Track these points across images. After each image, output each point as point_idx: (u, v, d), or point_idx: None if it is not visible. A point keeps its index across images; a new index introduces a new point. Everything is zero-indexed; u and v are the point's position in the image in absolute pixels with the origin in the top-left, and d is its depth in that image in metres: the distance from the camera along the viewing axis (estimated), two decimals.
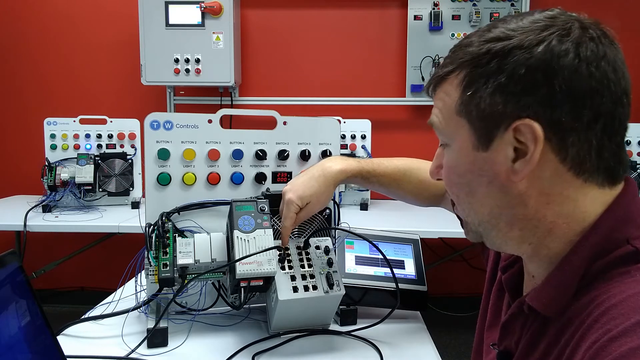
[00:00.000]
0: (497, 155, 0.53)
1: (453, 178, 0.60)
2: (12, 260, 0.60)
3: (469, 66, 0.54)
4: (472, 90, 0.53)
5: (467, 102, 0.54)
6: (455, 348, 2.53)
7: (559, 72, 0.49)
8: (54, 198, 2.28)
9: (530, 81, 0.50)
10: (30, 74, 2.95)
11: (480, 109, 0.53)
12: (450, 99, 0.57)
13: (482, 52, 0.53)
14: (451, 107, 0.57)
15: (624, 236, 0.51)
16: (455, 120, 0.56)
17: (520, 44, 0.50)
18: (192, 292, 0.98)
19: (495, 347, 0.64)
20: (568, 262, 0.53)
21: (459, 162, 0.58)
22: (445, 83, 0.57)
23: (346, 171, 0.96)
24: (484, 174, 0.55)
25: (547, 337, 0.54)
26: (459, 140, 0.57)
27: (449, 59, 0.57)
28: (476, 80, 0.53)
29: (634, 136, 2.35)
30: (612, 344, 0.42)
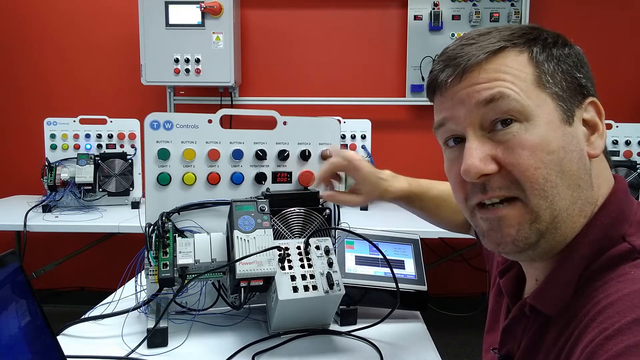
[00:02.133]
0: (578, 130, 0.55)
1: (542, 156, 0.52)
2: (12, 260, 0.60)
3: (536, 44, 0.56)
4: (554, 64, 0.55)
5: (549, 76, 0.54)
6: (456, 348, 2.53)
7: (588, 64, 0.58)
8: (54, 198, 2.28)
9: (586, 67, 0.57)
10: (30, 74, 2.95)
11: (566, 82, 0.55)
12: (523, 72, 0.54)
13: (551, 35, 0.57)
14: (528, 81, 0.54)
15: (619, 233, 0.52)
16: (536, 94, 0.53)
17: (567, 40, 0.58)
18: (192, 292, 0.98)
19: (495, 352, 0.64)
20: (568, 260, 0.53)
21: (549, 137, 0.52)
22: (503, 56, 0.55)
23: (394, 193, 0.94)
24: (574, 149, 0.53)
25: (548, 337, 0.54)
26: (545, 114, 0.53)
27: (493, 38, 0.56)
28: (553, 58, 0.55)
29: (634, 136, 2.35)
30: (608, 343, 0.43)
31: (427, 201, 0.97)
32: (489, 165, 0.54)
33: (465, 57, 0.55)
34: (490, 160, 0.54)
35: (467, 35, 0.58)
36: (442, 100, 0.59)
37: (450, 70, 0.56)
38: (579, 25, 2.75)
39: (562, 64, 0.55)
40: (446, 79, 0.57)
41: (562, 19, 2.76)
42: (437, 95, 0.60)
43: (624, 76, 2.77)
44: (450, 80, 0.56)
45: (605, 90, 2.95)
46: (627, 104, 2.78)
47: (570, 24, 2.75)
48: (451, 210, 0.97)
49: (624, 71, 2.78)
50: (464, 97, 0.56)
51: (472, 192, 0.57)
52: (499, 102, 0.53)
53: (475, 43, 0.56)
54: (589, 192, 0.54)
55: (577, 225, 0.54)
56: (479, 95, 0.54)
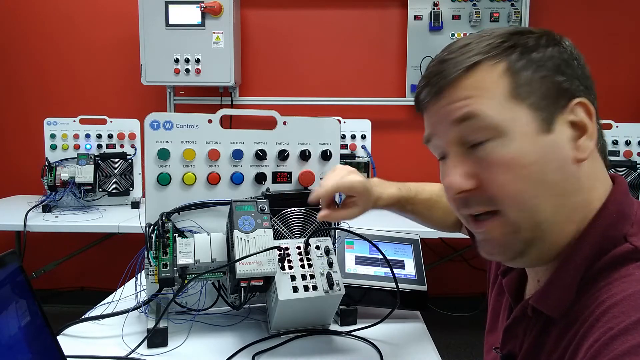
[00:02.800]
0: (560, 136, 0.54)
1: (518, 171, 0.53)
2: (12, 260, 0.60)
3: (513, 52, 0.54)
4: (529, 73, 0.54)
5: (523, 86, 0.53)
6: (456, 348, 2.53)
7: (583, 64, 0.56)
8: (54, 198, 2.28)
9: (573, 66, 0.55)
10: (30, 74, 2.95)
11: (540, 91, 0.54)
12: (496, 86, 0.54)
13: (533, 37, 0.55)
14: (502, 94, 0.53)
15: (620, 233, 0.52)
16: (509, 107, 0.53)
17: (554, 37, 0.56)
18: (192, 292, 0.98)
19: (497, 351, 0.64)
20: (570, 262, 0.53)
21: (524, 151, 0.52)
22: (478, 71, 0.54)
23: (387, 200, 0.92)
24: (553, 159, 0.53)
25: (550, 338, 0.54)
26: (519, 127, 0.53)
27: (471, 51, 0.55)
28: (530, 65, 0.54)
29: (634, 136, 2.35)
30: (613, 342, 0.43)
31: (418, 204, 0.96)
32: (467, 182, 0.56)
33: (441, 75, 0.56)
34: (469, 177, 0.56)
35: (449, 48, 0.58)
36: (427, 116, 0.61)
37: (428, 90, 0.58)
38: (578, 25, 2.75)
39: (541, 70, 0.54)
40: (425, 98, 0.59)
41: (562, 18, 2.76)
42: (422, 112, 0.63)
43: (624, 76, 2.77)
44: (429, 100, 0.58)
45: (605, 90, 2.92)
46: (627, 104, 2.78)
47: (570, 23, 2.75)
48: (443, 211, 0.97)
49: (624, 71, 2.77)
50: (443, 115, 0.57)
51: (458, 206, 0.59)
52: (471, 121, 0.54)
53: (453, 58, 0.56)
54: (576, 197, 0.54)
55: (566, 231, 0.54)
56: (454, 115, 0.55)
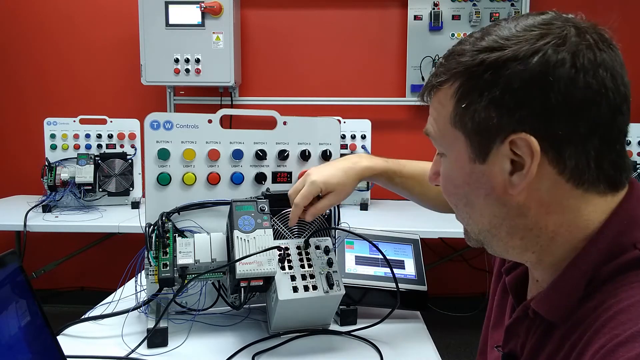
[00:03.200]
0: (493, 167, 0.53)
1: (450, 188, 0.60)
2: (12, 260, 0.60)
3: (462, 77, 0.53)
4: (467, 102, 0.52)
5: (462, 114, 0.53)
6: (456, 348, 2.53)
7: (554, 84, 0.48)
8: (54, 198, 2.28)
9: (525, 94, 0.49)
10: (30, 74, 2.95)
11: (475, 122, 0.52)
12: (445, 109, 0.56)
13: (475, 62, 0.51)
14: (446, 118, 0.56)
15: (630, 241, 0.50)
16: (450, 131, 0.56)
17: (514, 55, 0.49)
18: (192, 292, 0.98)
19: (499, 349, 0.64)
20: (575, 268, 0.52)
21: (456, 174, 0.57)
22: (440, 92, 0.57)
23: (373, 168, 0.95)
24: (481, 186, 0.55)
25: (552, 341, 0.54)
26: (455, 151, 0.56)
27: (442, 68, 0.56)
28: (470, 92, 0.52)
29: (634, 136, 2.35)
30: (619, 349, 0.42)
31: (408, 179, 0.98)
32: (437, 179, 0.64)
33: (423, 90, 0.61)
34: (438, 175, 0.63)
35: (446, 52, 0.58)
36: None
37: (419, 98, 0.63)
38: None
39: (480, 100, 0.51)
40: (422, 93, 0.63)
41: None
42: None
43: None
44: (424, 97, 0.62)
45: None
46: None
47: None
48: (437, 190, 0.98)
49: None
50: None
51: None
52: (429, 136, 0.61)
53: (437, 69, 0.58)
54: (518, 220, 0.54)
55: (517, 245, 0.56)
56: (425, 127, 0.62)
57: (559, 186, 0.51)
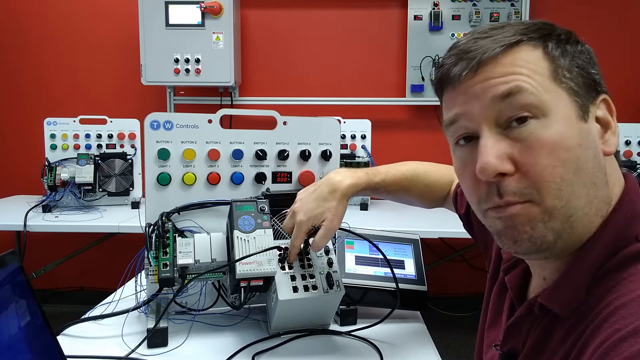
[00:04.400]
0: (592, 127, 0.54)
1: (560, 154, 0.50)
2: (12, 260, 0.60)
3: (550, 39, 0.54)
4: (569, 60, 0.54)
5: (564, 70, 0.53)
6: (456, 348, 2.53)
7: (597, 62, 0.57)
8: (54, 198, 2.28)
9: (596, 65, 0.56)
10: (30, 74, 2.95)
11: (581, 77, 0.54)
12: (538, 66, 0.52)
13: (562, 31, 0.56)
14: (544, 75, 0.52)
15: (632, 234, 0.51)
16: (552, 88, 0.52)
17: (577, 37, 0.58)
18: (192, 292, 0.98)
19: (497, 348, 0.64)
20: (584, 260, 0.52)
21: (567, 134, 0.51)
22: (518, 50, 0.53)
23: (356, 185, 0.92)
24: (590, 147, 0.52)
25: (555, 337, 0.53)
26: (561, 110, 0.51)
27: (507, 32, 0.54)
28: (567, 53, 0.54)
29: (633, 136, 2.35)
30: (622, 344, 0.42)
31: (390, 184, 0.97)
32: (505, 164, 0.52)
33: (480, 51, 0.53)
34: (507, 159, 0.52)
35: (479, 29, 0.57)
36: (454, 95, 0.57)
37: (465, 64, 0.54)
38: (578, 25, 2.71)
39: (576, 60, 0.55)
40: (460, 72, 0.54)
41: (562, 18, 2.74)
42: (447, 91, 0.58)
43: (623, 76, 2.77)
44: (464, 74, 0.54)
45: None
46: (627, 104, 2.78)
47: (570, 23, 2.68)
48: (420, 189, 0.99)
49: (624, 71, 2.77)
50: (478, 91, 0.53)
51: (487, 195, 0.55)
52: (516, 96, 0.51)
53: (489, 37, 0.54)
54: (604, 190, 0.53)
55: (593, 224, 0.52)
56: (496, 90, 0.52)
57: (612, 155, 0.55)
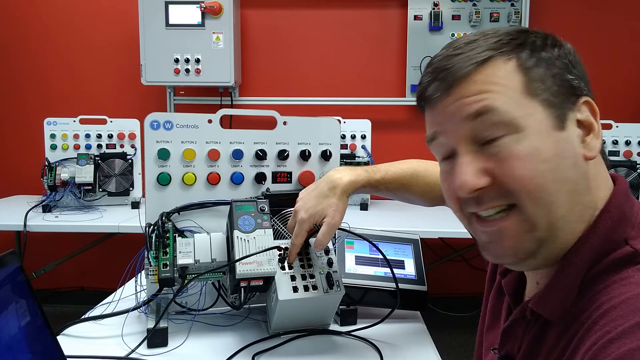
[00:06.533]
0: (572, 133, 0.54)
1: (538, 166, 0.51)
2: (12, 260, 0.60)
3: (523, 50, 0.54)
4: (542, 71, 0.54)
5: (536, 82, 0.53)
6: (456, 348, 2.53)
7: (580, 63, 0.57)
8: (54, 198, 2.28)
9: (578, 66, 0.56)
10: (30, 74, 2.95)
11: (556, 85, 0.54)
12: (510, 82, 0.53)
13: (539, 37, 0.56)
14: (516, 90, 0.52)
15: (621, 237, 0.51)
16: (523, 103, 0.52)
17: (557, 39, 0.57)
18: (192, 292, 0.98)
19: (495, 352, 0.64)
20: (571, 265, 0.52)
21: (543, 146, 0.52)
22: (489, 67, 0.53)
23: (356, 182, 0.93)
24: (568, 155, 0.52)
25: (547, 340, 0.54)
26: (535, 123, 0.52)
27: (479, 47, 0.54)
28: (541, 63, 0.54)
29: (633, 136, 2.35)
30: (611, 345, 0.42)
31: (390, 182, 0.96)
32: (481, 179, 0.54)
33: (452, 70, 0.54)
34: (483, 174, 0.54)
35: (453, 44, 0.57)
36: (432, 114, 0.58)
37: (438, 84, 0.56)
38: (578, 25, 2.75)
39: (552, 67, 0.54)
40: (433, 93, 0.56)
41: (562, 18, 2.76)
42: (426, 109, 0.60)
43: (624, 76, 2.77)
44: (438, 95, 0.56)
45: (605, 90, 2.91)
46: (627, 104, 2.78)
47: (570, 23, 2.74)
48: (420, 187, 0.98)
49: (624, 71, 2.77)
50: (453, 110, 0.55)
51: (466, 203, 0.57)
52: (487, 115, 0.52)
53: (462, 53, 0.54)
54: (587, 196, 0.53)
55: (577, 230, 0.53)
56: (468, 109, 0.53)
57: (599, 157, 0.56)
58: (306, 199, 0.91)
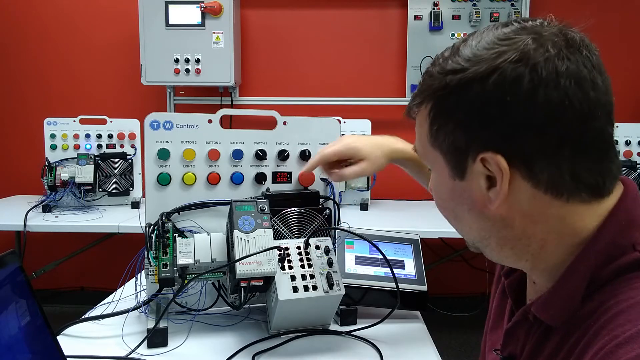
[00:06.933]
0: (472, 184, 0.54)
1: (439, 202, 0.62)
2: (12, 260, 0.60)
3: (432, 100, 0.55)
4: (438, 124, 0.54)
5: (435, 135, 0.55)
6: (456, 348, 2.53)
7: (513, 102, 0.47)
8: (54, 198, 2.28)
9: (486, 115, 0.49)
10: (30, 74, 2.95)
11: (447, 143, 0.54)
12: (423, 130, 0.58)
13: (441, 85, 0.52)
14: (425, 138, 0.58)
15: (629, 242, 0.50)
16: (430, 150, 0.58)
17: (474, 76, 0.49)
18: (192, 292, 0.98)
19: (498, 353, 0.64)
20: (574, 271, 0.52)
21: (441, 189, 0.59)
22: (419, 113, 0.58)
23: (405, 152, 0.98)
24: (464, 202, 0.56)
25: (551, 343, 0.53)
26: (438, 168, 0.58)
27: (418, 90, 0.58)
28: (440, 114, 0.54)
29: (633, 136, 2.35)
30: (619, 350, 0.42)
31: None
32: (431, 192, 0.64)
33: (407, 112, 0.62)
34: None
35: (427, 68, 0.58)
36: None
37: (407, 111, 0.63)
38: (578, 25, 2.75)
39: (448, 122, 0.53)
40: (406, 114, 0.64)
41: (561, 19, 2.76)
42: None
43: (623, 76, 2.76)
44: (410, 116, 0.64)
45: None
46: (627, 104, 2.78)
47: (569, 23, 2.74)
48: None
49: (624, 71, 2.77)
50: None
51: None
52: (417, 154, 0.63)
53: (418, 88, 0.58)
54: (503, 232, 0.55)
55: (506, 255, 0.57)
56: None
57: (538, 198, 0.51)
58: (356, 135, 0.97)
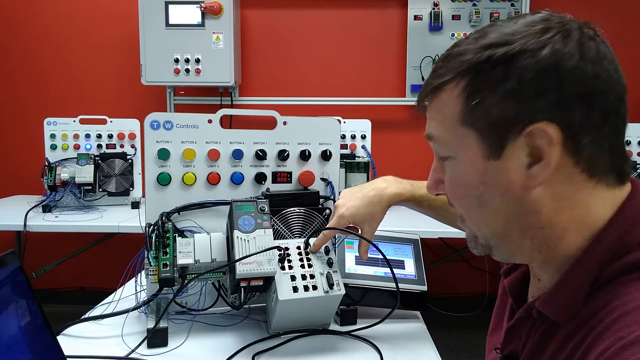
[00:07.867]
0: (510, 162, 0.52)
1: (461, 191, 0.58)
2: (12, 260, 0.60)
3: (469, 74, 0.53)
4: (479, 98, 0.52)
5: (472, 111, 0.53)
6: (456, 348, 2.53)
7: (567, 74, 0.49)
8: (54, 198, 2.28)
9: (541, 84, 0.50)
10: (30, 74, 2.95)
11: (489, 117, 0.52)
12: (451, 109, 0.55)
13: (482, 59, 0.52)
14: (453, 118, 0.55)
15: (635, 240, 0.50)
16: (459, 131, 0.55)
17: (523, 49, 0.50)
18: (192, 292, 0.98)
19: (497, 351, 0.64)
20: (580, 267, 0.52)
21: (468, 174, 0.56)
22: (442, 93, 0.56)
23: (401, 194, 0.96)
24: (497, 184, 0.54)
25: (554, 341, 0.53)
26: (467, 151, 0.55)
27: (443, 69, 0.56)
28: (482, 88, 0.52)
29: (634, 136, 2.34)
30: (624, 352, 0.42)
31: (434, 200, 0.96)
32: (437, 188, 0.63)
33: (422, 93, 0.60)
34: (439, 183, 0.63)
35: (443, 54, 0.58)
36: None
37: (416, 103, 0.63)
38: None
39: (491, 95, 0.51)
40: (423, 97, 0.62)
41: None
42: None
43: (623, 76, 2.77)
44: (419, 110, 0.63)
45: None
46: (627, 104, 2.77)
47: None
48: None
49: (624, 71, 2.77)
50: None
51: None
52: (432, 140, 0.60)
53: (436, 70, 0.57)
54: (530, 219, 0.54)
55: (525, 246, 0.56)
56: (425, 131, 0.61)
57: (573, 178, 0.52)
58: (349, 198, 0.95)
